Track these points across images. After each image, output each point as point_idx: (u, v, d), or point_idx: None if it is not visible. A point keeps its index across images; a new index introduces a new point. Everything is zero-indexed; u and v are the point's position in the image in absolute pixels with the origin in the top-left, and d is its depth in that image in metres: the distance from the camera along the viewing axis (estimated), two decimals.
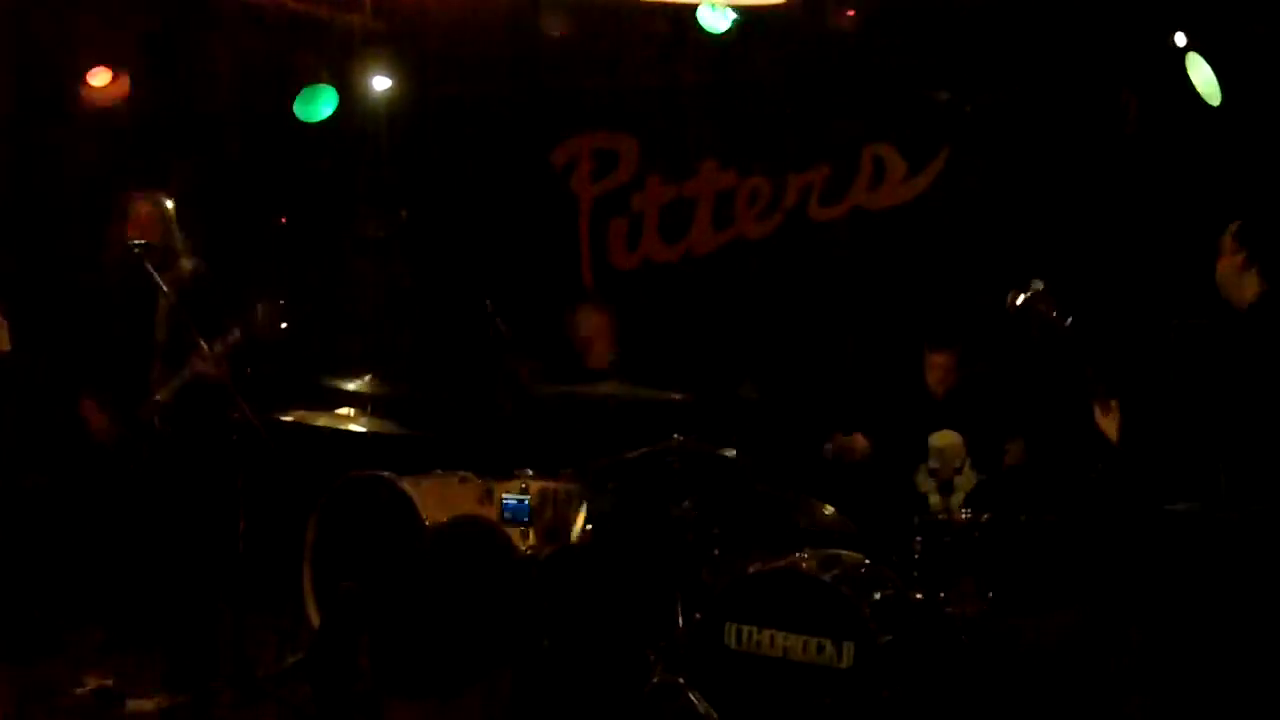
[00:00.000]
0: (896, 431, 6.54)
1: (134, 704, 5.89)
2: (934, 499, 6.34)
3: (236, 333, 5.93)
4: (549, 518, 3.81)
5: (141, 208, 6.10)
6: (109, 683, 6.00)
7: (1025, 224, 7.18)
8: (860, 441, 6.59)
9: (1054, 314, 5.14)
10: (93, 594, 6.70)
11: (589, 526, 5.97)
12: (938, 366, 6.52)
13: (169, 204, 6.19)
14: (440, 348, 8.12)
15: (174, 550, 6.12)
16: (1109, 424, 5.17)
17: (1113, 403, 5.15)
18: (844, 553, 5.90)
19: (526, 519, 5.71)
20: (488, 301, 6.78)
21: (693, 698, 5.42)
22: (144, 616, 6.20)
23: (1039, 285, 5.15)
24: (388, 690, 2.34)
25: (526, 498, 5.79)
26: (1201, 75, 6.37)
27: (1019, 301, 5.19)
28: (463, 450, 6.63)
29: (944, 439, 6.39)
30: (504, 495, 5.88)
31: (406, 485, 6.08)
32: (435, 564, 2.42)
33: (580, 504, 5.97)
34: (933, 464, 6.37)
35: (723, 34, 6.94)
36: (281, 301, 6.06)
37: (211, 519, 6.08)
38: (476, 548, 2.47)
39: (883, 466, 6.53)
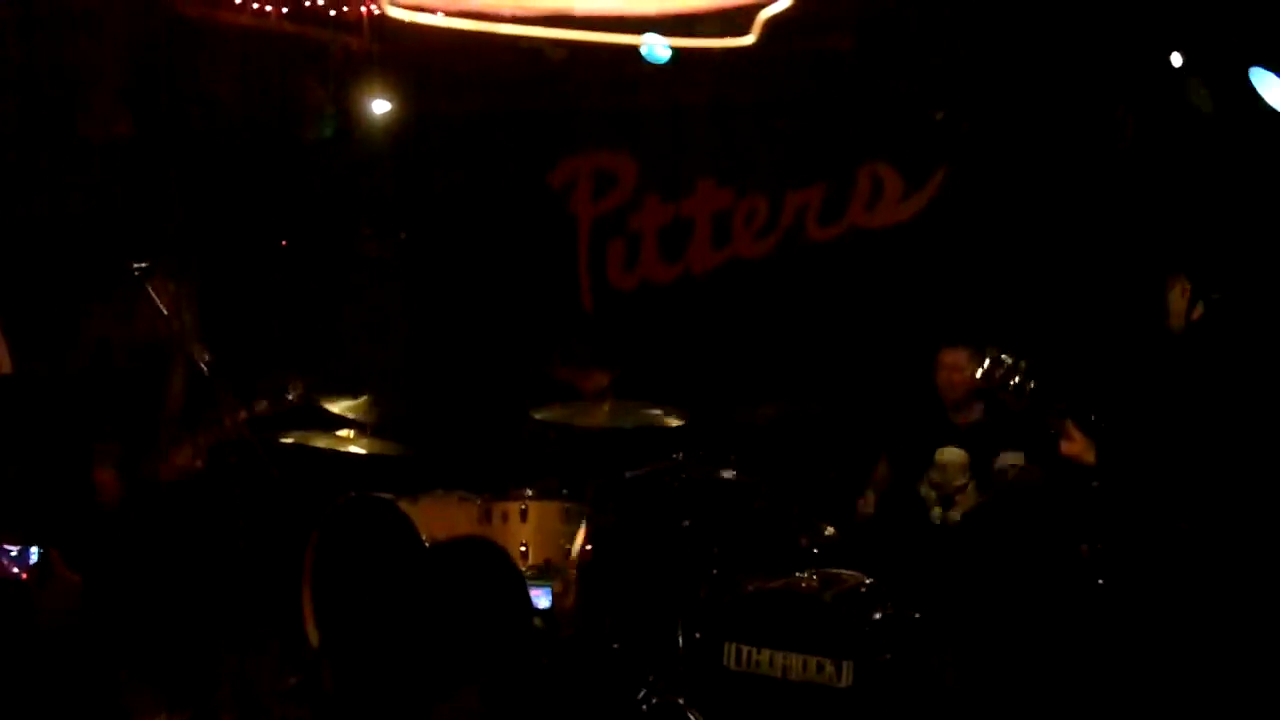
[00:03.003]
0: (903, 445, 6.51)
1: None
2: (935, 510, 6.34)
3: (265, 404, 5.96)
4: (573, 601, 3.83)
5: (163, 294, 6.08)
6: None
7: (1022, 241, 7.21)
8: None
9: (1016, 383, 5.16)
10: (94, 613, 6.69)
11: (589, 546, 5.98)
12: (952, 364, 6.42)
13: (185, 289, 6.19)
14: (439, 368, 8.14)
15: (174, 571, 6.13)
16: (1075, 448, 5.18)
17: (1068, 425, 5.16)
18: (843, 571, 5.92)
19: (550, 605, 5.70)
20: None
21: (692, 717, 5.42)
22: (146, 635, 6.20)
23: (994, 353, 5.17)
24: (349, 715, 2.33)
25: (550, 584, 5.80)
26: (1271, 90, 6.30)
27: (978, 375, 5.22)
28: (461, 470, 6.65)
29: (949, 454, 6.37)
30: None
31: (405, 505, 6.09)
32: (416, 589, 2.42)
33: None
34: (934, 477, 6.36)
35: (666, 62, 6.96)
36: (308, 378, 6.10)
37: (211, 539, 6.08)
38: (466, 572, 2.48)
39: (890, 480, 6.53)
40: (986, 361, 5.13)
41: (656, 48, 6.41)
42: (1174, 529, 4.71)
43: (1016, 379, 5.12)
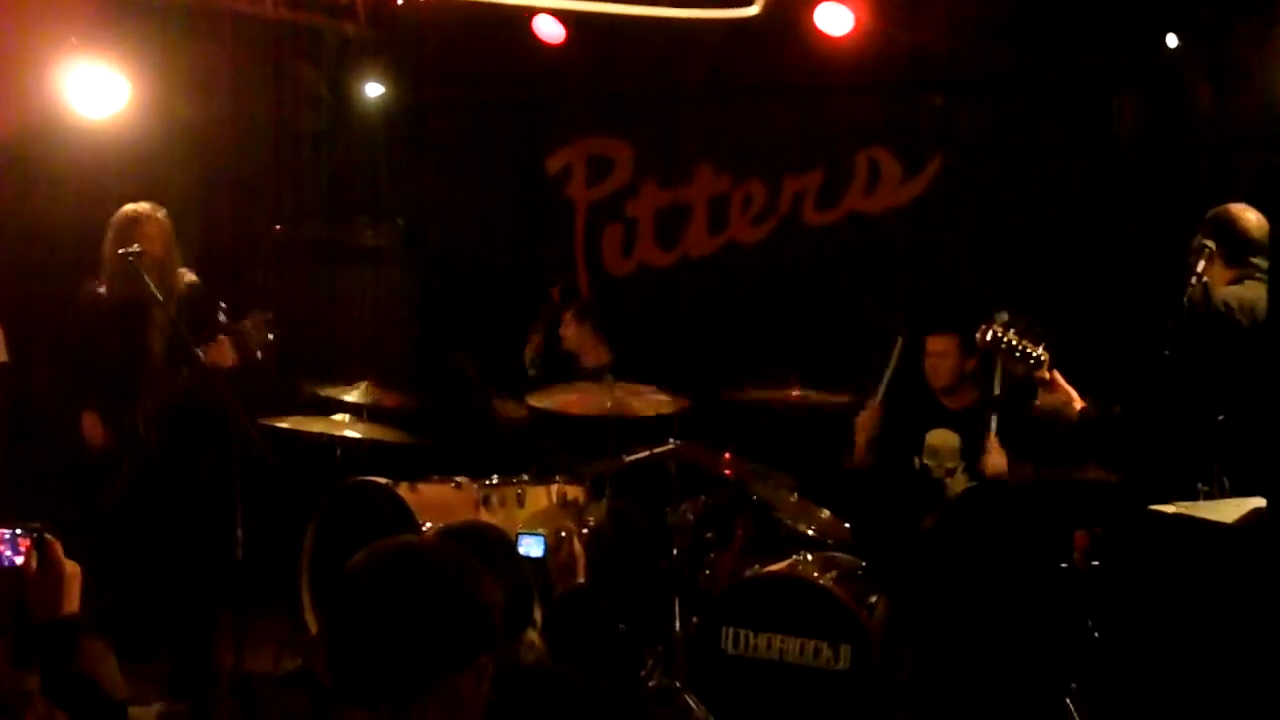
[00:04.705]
0: (893, 428, 6.50)
1: (133, 710, 5.87)
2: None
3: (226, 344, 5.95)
4: (564, 556, 3.83)
5: (146, 223, 6.09)
6: None
7: (1018, 228, 7.21)
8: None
9: (1024, 343, 5.13)
10: (91, 601, 6.68)
11: (585, 531, 5.98)
12: (937, 353, 6.38)
13: (165, 217, 6.18)
14: (436, 355, 8.14)
15: (173, 557, 6.13)
16: (1055, 399, 5.14)
17: (1054, 375, 5.13)
18: (840, 555, 5.93)
19: (542, 555, 5.68)
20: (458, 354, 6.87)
21: (690, 701, 5.44)
22: (144, 623, 6.21)
23: (1004, 316, 5.15)
24: (342, 697, 2.31)
25: (543, 534, 5.79)
26: None
27: (988, 336, 5.19)
28: (458, 456, 6.65)
29: (940, 438, 6.35)
30: (519, 531, 5.85)
31: (403, 491, 6.09)
32: (397, 571, 2.39)
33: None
34: (926, 460, 6.35)
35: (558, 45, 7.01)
36: (269, 314, 6.08)
37: (210, 526, 6.09)
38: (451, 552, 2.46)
39: (880, 463, 6.51)
40: (994, 323, 5.12)
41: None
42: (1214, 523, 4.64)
43: (1022, 343, 5.10)
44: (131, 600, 6.20)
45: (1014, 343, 5.20)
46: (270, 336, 6.06)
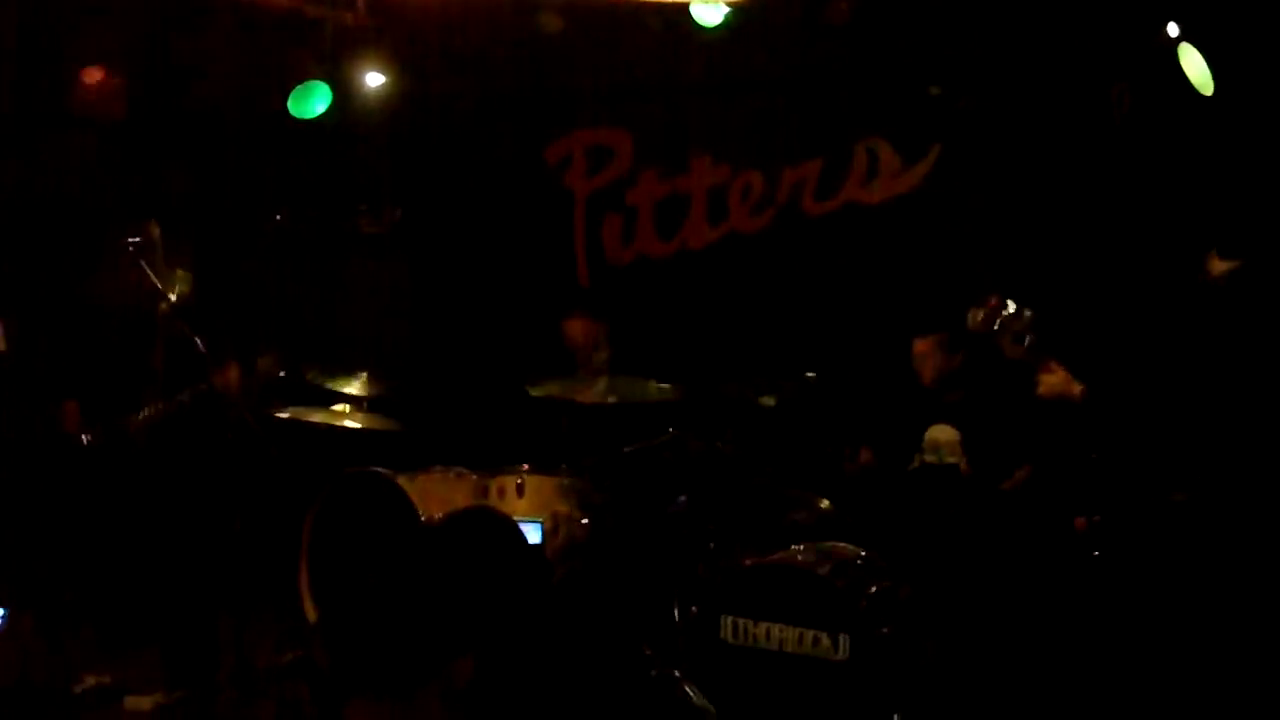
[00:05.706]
0: (892, 422, 6.53)
1: (131, 701, 5.91)
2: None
3: (235, 374, 5.89)
4: (561, 540, 3.84)
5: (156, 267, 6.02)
6: (106, 680, 6.01)
7: (1017, 217, 7.21)
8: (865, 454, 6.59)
9: (1017, 325, 5.12)
10: (89, 592, 6.69)
11: (585, 521, 5.98)
12: (919, 354, 6.48)
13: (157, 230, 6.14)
14: (435, 344, 8.14)
15: (172, 548, 6.13)
16: (1055, 381, 5.13)
17: (1051, 363, 5.13)
18: (840, 545, 5.93)
19: (539, 543, 5.69)
20: None
21: (689, 691, 5.43)
22: (142, 614, 6.21)
23: (993, 299, 5.15)
24: (346, 690, 2.31)
25: (540, 520, 5.78)
26: (1194, 65, 6.36)
27: (979, 319, 5.19)
28: (458, 446, 6.64)
29: (940, 433, 6.38)
30: (518, 519, 5.85)
31: (403, 481, 6.09)
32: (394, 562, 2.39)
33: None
34: (928, 457, 6.37)
35: (715, 27, 6.99)
36: (279, 353, 6.06)
37: (209, 516, 6.09)
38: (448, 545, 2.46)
39: (879, 458, 6.54)
40: (984, 306, 5.12)
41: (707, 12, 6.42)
42: (1169, 502, 4.70)
43: (1017, 326, 5.09)
44: (131, 590, 6.20)
45: (1006, 325, 5.19)
46: (281, 373, 6.04)
